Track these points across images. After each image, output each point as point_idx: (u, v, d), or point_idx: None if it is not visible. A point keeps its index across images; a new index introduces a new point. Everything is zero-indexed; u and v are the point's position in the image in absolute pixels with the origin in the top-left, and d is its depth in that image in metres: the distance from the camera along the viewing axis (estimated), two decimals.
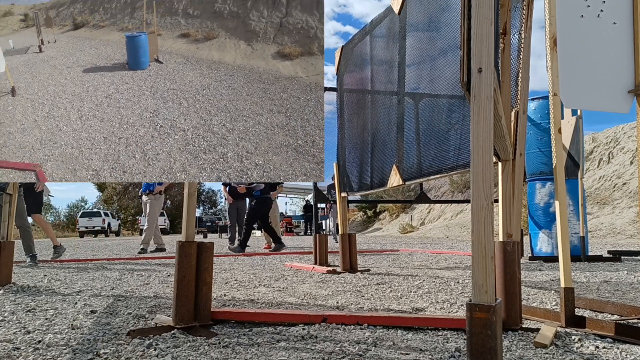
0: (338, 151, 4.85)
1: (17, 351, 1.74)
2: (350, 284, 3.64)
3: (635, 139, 15.95)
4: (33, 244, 5.63)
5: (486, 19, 1.32)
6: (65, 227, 39.62)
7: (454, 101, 2.88)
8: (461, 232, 17.43)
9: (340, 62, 4.85)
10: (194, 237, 2.18)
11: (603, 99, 2.17)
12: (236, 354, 1.68)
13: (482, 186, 1.27)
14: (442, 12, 3.01)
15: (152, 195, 8.14)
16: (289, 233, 24.23)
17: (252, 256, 7.14)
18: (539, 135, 5.84)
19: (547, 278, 3.93)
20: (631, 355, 1.64)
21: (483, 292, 1.24)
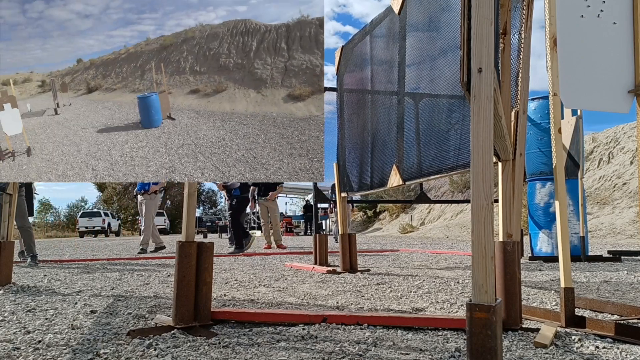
0: (338, 151, 4.85)
1: (17, 351, 1.74)
2: (350, 284, 3.64)
3: (635, 139, 15.95)
4: (34, 244, 5.64)
5: (486, 19, 1.32)
6: (65, 227, 39.62)
7: (454, 101, 2.88)
8: (461, 232, 17.42)
9: (340, 62, 4.85)
10: (194, 237, 2.18)
11: (603, 99, 2.17)
12: (236, 354, 1.68)
13: (482, 186, 1.27)
14: (442, 12, 3.01)
15: (147, 195, 8.13)
16: (289, 233, 24.23)
17: (252, 256, 7.14)
18: (539, 135, 5.84)
19: (547, 278, 3.93)
20: (631, 355, 1.64)
21: (483, 292, 1.24)
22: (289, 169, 2.76)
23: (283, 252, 8.24)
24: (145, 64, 4.87)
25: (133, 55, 5.29)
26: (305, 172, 2.35)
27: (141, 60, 5.15)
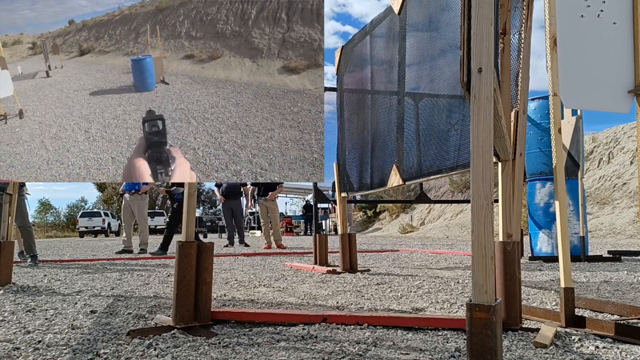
0: (338, 151, 4.85)
1: (17, 351, 1.74)
2: (350, 284, 3.64)
3: (635, 139, 15.95)
4: (34, 244, 5.64)
5: (486, 19, 1.32)
6: (65, 227, 39.61)
7: (454, 101, 2.88)
8: (461, 232, 17.42)
9: (340, 62, 4.85)
10: (194, 237, 2.18)
11: (603, 99, 2.17)
12: (236, 354, 1.68)
13: (482, 186, 1.27)
14: (442, 12, 3.01)
15: (138, 195, 8.12)
16: (289, 233, 24.22)
17: (252, 256, 7.14)
18: (539, 135, 5.84)
19: (547, 278, 3.93)
20: (631, 355, 1.64)
21: (483, 292, 1.24)
22: (279, 138, 2.76)
23: (283, 252, 8.24)
24: (140, 27, 4.82)
25: (127, 18, 5.22)
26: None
27: (135, 22, 5.08)
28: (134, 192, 8.09)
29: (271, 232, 9.67)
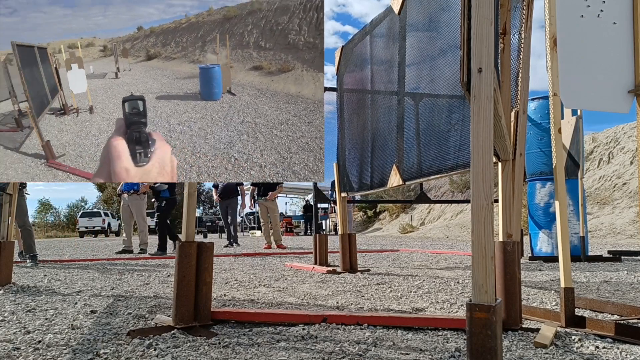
0: (338, 151, 4.85)
1: (17, 351, 1.74)
2: (350, 284, 3.64)
3: (635, 139, 15.95)
4: (34, 244, 5.64)
5: (486, 19, 1.32)
6: (65, 227, 39.61)
7: (454, 101, 2.88)
8: (461, 232, 17.42)
9: (340, 62, 4.85)
10: (194, 237, 2.18)
11: (603, 99, 2.17)
12: (236, 354, 1.68)
13: (482, 186, 1.27)
14: (442, 12, 3.01)
15: (137, 195, 8.10)
16: (289, 233, 24.22)
17: (252, 256, 7.14)
18: (539, 135, 5.84)
19: (547, 278, 3.93)
20: (631, 355, 1.64)
21: (483, 292, 1.24)
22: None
23: (283, 252, 8.24)
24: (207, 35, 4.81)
25: (194, 25, 5.23)
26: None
27: (202, 30, 5.10)
28: (132, 192, 8.08)
29: (271, 232, 9.66)
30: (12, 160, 3.07)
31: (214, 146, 3.01)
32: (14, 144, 3.42)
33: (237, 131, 3.22)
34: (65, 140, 3.40)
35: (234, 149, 2.93)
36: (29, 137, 3.30)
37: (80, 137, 3.41)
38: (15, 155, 3.12)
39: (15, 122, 3.61)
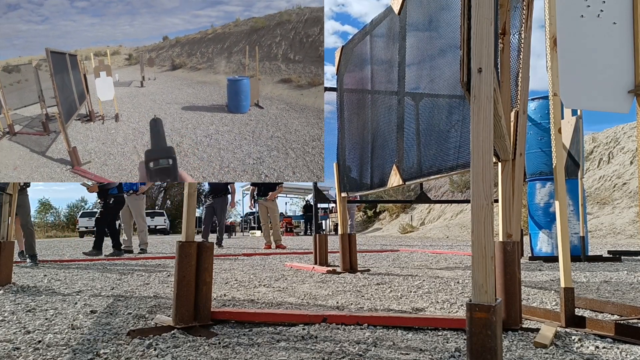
0: (338, 151, 4.85)
1: (17, 351, 1.74)
2: (350, 284, 3.64)
3: (635, 139, 15.95)
4: (34, 244, 5.64)
5: (486, 19, 1.32)
6: (65, 227, 39.61)
7: (454, 101, 2.88)
8: (461, 232, 17.42)
9: (340, 62, 4.85)
10: (194, 237, 2.18)
11: (603, 99, 2.17)
12: (236, 354, 1.68)
13: (482, 186, 1.27)
14: (442, 12, 3.01)
15: (135, 195, 8.09)
16: (289, 233, 24.22)
17: (252, 256, 7.14)
18: (539, 135, 5.84)
19: (547, 278, 3.93)
20: (631, 355, 1.64)
21: (483, 292, 1.24)
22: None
23: (283, 252, 8.24)
24: (233, 46, 4.78)
25: (220, 36, 5.19)
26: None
27: (229, 41, 5.05)
28: (131, 193, 8.08)
29: (271, 232, 9.66)
30: (37, 164, 3.08)
31: (243, 161, 2.96)
32: (40, 148, 3.46)
33: (266, 146, 3.18)
34: (91, 147, 3.40)
35: (264, 164, 2.90)
36: (55, 142, 3.32)
37: (106, 144, 3.42)
38: (41, 159, 3.14)
39: (43, 126, 3.66)
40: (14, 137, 3.95)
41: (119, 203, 7.51)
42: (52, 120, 3.49)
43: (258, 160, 2.94)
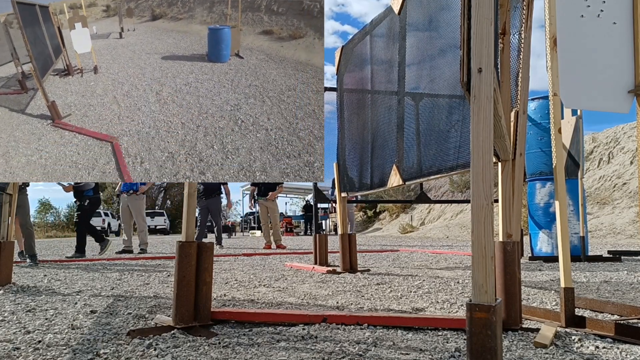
0: (338, 151, 4.85)
1: (17, 351, 1.74)
2: (350, 284, 3.64)
3: (635, 139, 15.95)
4: (34, 244, 5.64)
5: (486, 19, 1.32)
6: (65, 227, 39.60)
7: (454, 101, 2.88)
8: (461, 232, 17.42)
9: (340, 62, 4.85)
10: (194, 237, 2.18)
11: (603, 99, 2.17)
12: (236, 354, 1.68)
13: (482, 186, 1.27)
14: (442, 12, 3.01)
15: (136, 194, 8.09)
16: (289, 233, 24.22)
17: (252, 256, 7.14)
18: (539, 135, 5.84)
19: (547, 278, 3.93)
20: (631, 355, 1.64)
21: (483, 292, 1.24)
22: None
23: (283, 252, 8.24)
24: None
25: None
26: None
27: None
28: (131, 193, 8.07)
29: (271, 232, 9.65)
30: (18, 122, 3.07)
31: (221, 107, 2.98)
32: (19, 106, 3.44)
33: (244, 94, 3.20)
34: (71, 101, 3.38)
35: (241, 111, 2.90)
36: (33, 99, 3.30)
37: (86, 97, 3.40)
38: (21, 117, 3.12)
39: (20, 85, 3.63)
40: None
41: (94, 204, 7.39)
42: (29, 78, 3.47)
43: (235, 106, 2.97)
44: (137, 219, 8.17)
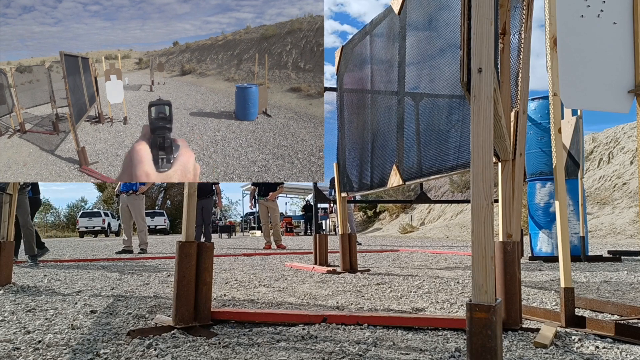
0: (338, 151, 4.85)
1: (17, 351, 1.74)
2: (350, 284, 3.64)
3: (635, 139, 15.95)
4: (34, 244, 5.63)
5: (486, 19, 1.32)
6: (65, 227, 39.62)
7: (454, 101, 2.88)
8: (461, 232, 17.42)
9: (340, 62, 4.85)
10: (194, 237, 2.18)
11: (603, 99, 2.17)
12: (236, 354, 1.68)
13: (482, 186, 1.27)
14: (442, 12, 3.01)
15: (135, 195, 8.08)
16: (289, 233, 24.22)
17: (252, 256, 7.14)
18: (539, 135, 5.84)
19: (547, 278, 3.93)
20: (631, 355, 1.64)
21: (483, 292, 1.24)
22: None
23: (283, 252, 8.24)
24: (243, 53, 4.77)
25: (231, 43, 5.17)
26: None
27: (239, 48, 5.03)
28: (131, 193, 8.07)
29: (271, 232, 9.65)
30: (46, 162, 3.09)
31: (248, 168, 2.96)
32: (49, 147, 3.49)
33: (272, 155, 3.17)
34: (99, 148, 3.42)
35: (269, 173, 2.89)
36: (64, 141, 3.34)
37: (114, 146, 3.43)
38: (50, 157, 3.15)
39: (53, 126, 3.69)
40: (24, 135, 3.98)
41: (33, 205, 6.84)
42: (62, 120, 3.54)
43: (263, 168, 2.94)
44: (136, 219, 8.17)
